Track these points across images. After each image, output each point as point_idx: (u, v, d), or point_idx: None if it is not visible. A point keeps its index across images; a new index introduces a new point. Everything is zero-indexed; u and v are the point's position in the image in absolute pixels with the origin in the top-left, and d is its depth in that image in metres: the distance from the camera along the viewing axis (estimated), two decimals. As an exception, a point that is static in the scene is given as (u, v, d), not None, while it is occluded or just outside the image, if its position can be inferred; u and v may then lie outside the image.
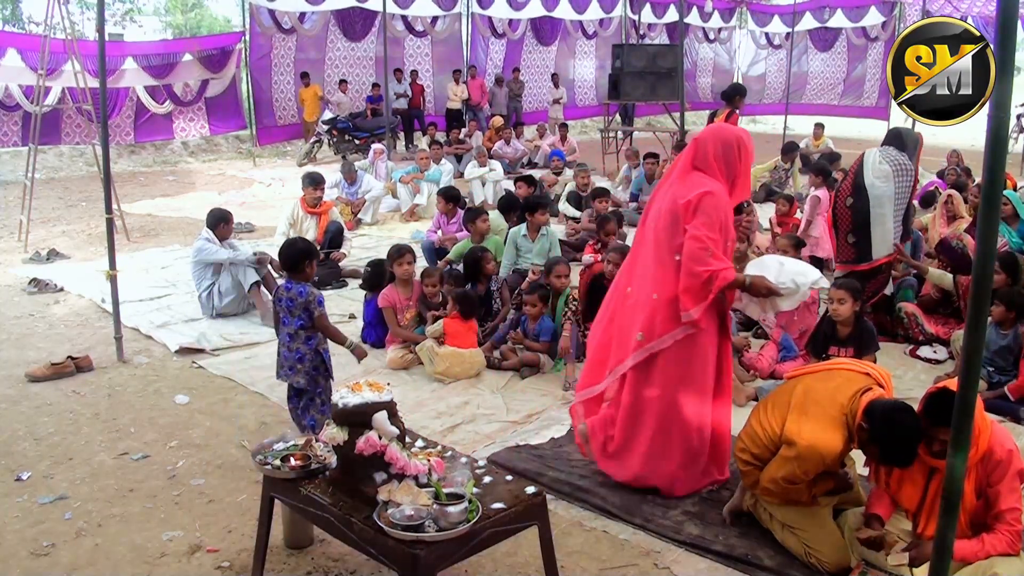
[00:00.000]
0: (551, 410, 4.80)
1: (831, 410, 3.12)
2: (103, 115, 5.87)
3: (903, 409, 2.98)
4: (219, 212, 6.53)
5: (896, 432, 2.94)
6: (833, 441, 3.07)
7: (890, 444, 2.95)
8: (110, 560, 3.33)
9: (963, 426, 1.96)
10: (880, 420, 2.96)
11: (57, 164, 14.25)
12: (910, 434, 2.94)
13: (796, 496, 3.20)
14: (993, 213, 1.86)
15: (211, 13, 31.79)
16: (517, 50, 19.18)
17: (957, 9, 16.43)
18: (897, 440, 2.94)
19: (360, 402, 2.78)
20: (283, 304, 4.07)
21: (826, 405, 3.14)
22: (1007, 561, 2.86)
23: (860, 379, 3.19)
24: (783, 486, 3.17)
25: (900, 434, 2.94)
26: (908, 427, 2.94)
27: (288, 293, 4.03)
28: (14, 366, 5.39)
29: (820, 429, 3.09)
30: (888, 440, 2.95)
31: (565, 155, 12.55)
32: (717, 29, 22.83)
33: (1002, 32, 1.84)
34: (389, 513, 2.61)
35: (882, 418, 2.96)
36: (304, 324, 4.02)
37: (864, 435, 3.03)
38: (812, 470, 3.11)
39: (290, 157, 15.98)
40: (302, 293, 4.00)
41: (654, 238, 3.69)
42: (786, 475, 3.14)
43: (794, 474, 3.12)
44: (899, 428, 2.94)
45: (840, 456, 3.15)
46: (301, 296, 3.99)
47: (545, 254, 6.90)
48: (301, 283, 4.03)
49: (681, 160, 3.72)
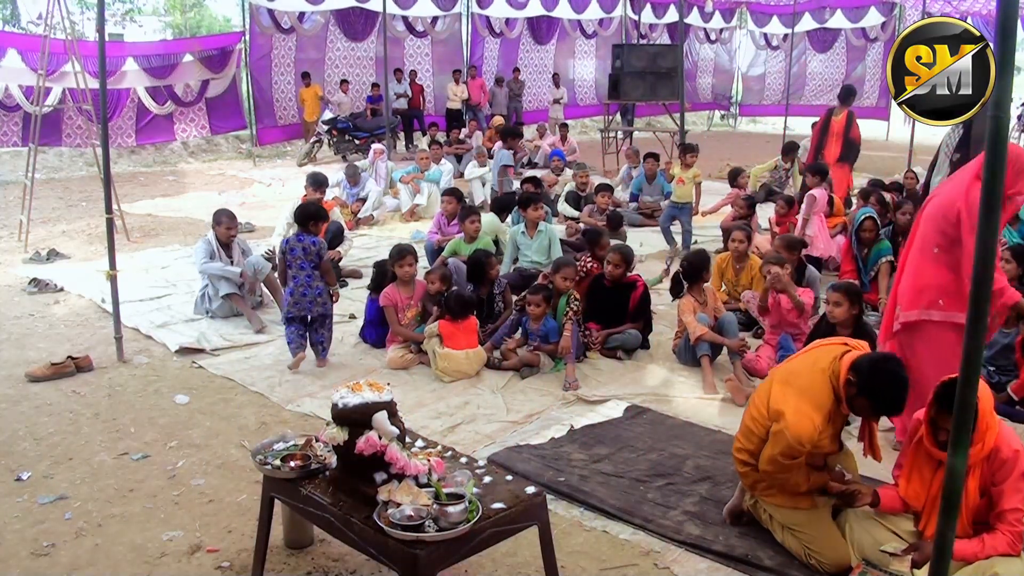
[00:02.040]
0: (551, 410, 4.80)
1: (814, 376, 3.18)
2: (103, 115, 5.87)
3: (889, 358, 3.09)
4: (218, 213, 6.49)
5: (885, 378, 3.01)
6: (820, 400, 3.12)
7: (880, 391, 3.02)
8: (110, 560, 3.33)
9: (963, 426, 1.96)
10: (867, 369, 3.04)
11: (57, 164, 14.26)
12: (898, 380, 3.02)
13: (794, 483, 3.18)
14: (993, 213, 1.86)
15: (211, 13, 31.84)
16: (514, 49, 19.18)
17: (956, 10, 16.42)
18: (887, 385, 3.01)
19: (360, 402, 2.78)
20: (296, 252, 5.29)
21: (808, 373, 3.21)
22: (1007, 561, 2.86)
23: (838, 347, 3.27)
24: (781, 463, 3.15)
25: (889, 379, 3.02)
26: (896, 373, 3.03)
27: (301, 243, 5.28)
28: (14, 366, 5.39)
29: (805, 396, 3.15)
30: (878, 388, 3.01)
31: (565, 155, 12.56)
32: (717, 29, 22.86)
33: (1002, 32, 1.84)
34: (389, 513, 2.61)
35: (869, 367, 3.04)
36: (315, 265, 5.27)
37: (852, 390, 3.08)
38: (805, 438, 3.08)
39: (290, 157, 15.98)
40: (315, 243, 5.31)
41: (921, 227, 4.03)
42: (782, 450, 3.13)
43: (789, 447, 3.11)
44: (887, 374, 3.03)
45: (828, 419, 3.14)
46: (314, 245, 5.29)
47: (544, 251, 6.91)
48: (312, 236, 5.30)
49: (972, 167, 3.93)
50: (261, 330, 6.07)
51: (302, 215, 5.43)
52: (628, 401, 4.87)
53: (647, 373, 5.39)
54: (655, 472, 3.99)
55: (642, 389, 5.08)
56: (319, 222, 5.48)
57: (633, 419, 4.64)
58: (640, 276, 5.95)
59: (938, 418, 2.93)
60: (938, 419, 2.93)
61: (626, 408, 4.77)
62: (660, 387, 5.14)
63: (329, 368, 5.41)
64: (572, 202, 9.56)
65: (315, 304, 5.31)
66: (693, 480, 3.91)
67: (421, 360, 5.44)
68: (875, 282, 6.49)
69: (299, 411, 4.76)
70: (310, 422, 4.56)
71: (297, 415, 4.71)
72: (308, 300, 5.28)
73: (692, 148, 8.65)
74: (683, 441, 4.34)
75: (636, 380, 5.25)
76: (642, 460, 4.12)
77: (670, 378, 5.28)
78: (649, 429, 4.50)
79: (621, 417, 4.66)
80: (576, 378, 5.16)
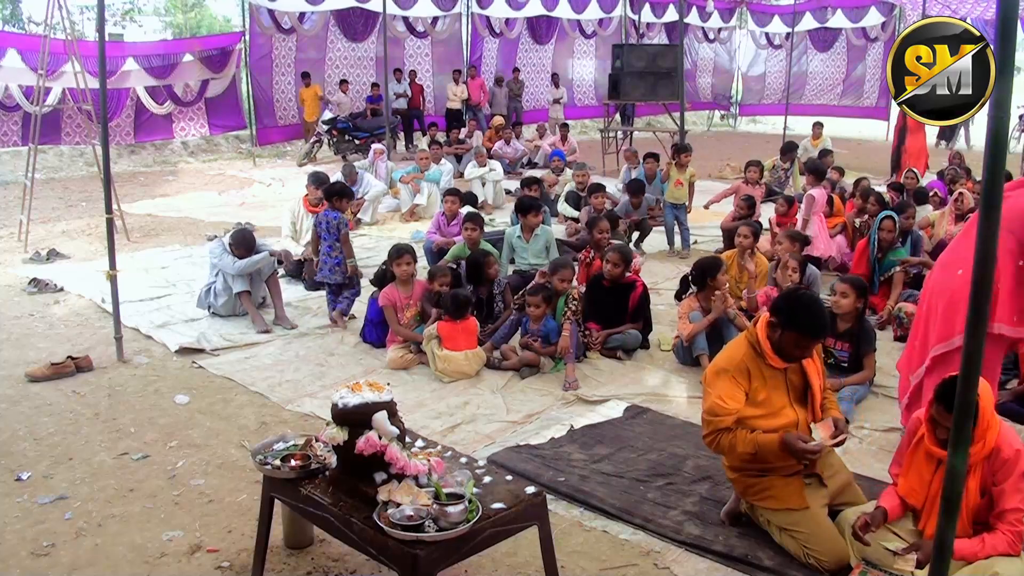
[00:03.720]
0: (551, 410, 4.80)
1: (732, 344, 3.40)
2: (103, 115, 5.87)
3: (798, 288, 3.30)
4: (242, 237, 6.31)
5: (802, 301, 3.17)
6: (731, 354, 3.28)
7: (801, 314, 3.13)
8: (110, 560, 3.33)
9: (963, 426, 1.96)
10: (783, 302, 3.20)
11: (57, 164, 14.26)
12: (814, 300, 3.26)
13: (740, 449, 3.18)
14: (993, 213, 1.86)
15: (211, 13, 31.83)
16: (514, 49, 19.19)
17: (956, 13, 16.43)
18: (805, 307, 3.15)
19: (360, 402, 2.78)
20: (323, 226, 6.19)
21: (727, 347, 3.44)
22: (1007, 561, 2.86)
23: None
24: (709, 422, 3.21)
25: (805, 302, 3.18)
26: (810, 296, 3.24)
27: (327, 218, 6.19)
28: (14, 366, 5.39)
29: (721, 358, 3.33)
30: (798, 312, 3.13)
31: (565, 155, 12.55)
32: (717, 29, 22.83)
33: (1002, 32, 1.84)
34: (389, 513, 2.61)
35: (784, 300, 3.21)
36: (336, 238, 6.11)
37: (776, 332, 3.18)
38: (725, 394, 3.17)
39: (290, 157, 15.99)
40: (336, 217, 6.18)
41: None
42: (708, 407, 3.22)
43: (712, 405, 3.18)
44: (802, 298, 3.19)
45: (743, 370, 3.22)
46: (335, 219, 6.16)
47: (539, 254, 6.92)
48: (335, 211, 6.18)
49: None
50: (265, 331, 6.06)
51: (328, 192, 6.36)
52: (628, 401, 4.87)
53: (647, 373, 5.39)
54: (655, 472, 3.99)
55: (642, 389, 5.08)
56: (343, 199, 6.32)
57: (633, 419, 4.64)
58: (639, 277, 5.96)
59: (938, 416, 2.93)
60: (938, 417, 2.93)
61: (626, 408, 4.77)
62: (660, 387, 5.14)
63: (329, 368, 5.41)
64: (572, 202, 9.55)
65: (334, 272, 6.16)
66: (693, 480, 3.91)
67: (421, 360, 5.44)
68: (884, 287, 6.45)
69: (299, 411, 4.76)
70: (310, 422, 4.57)
71: (297, 415, 4.72)
72: (328, 268, 6.18)
73: (686, 148, 8.67)
74: (683, 441, 4.34)
75: (636, 380, 5.25)
76: (642, 460, 4.12)
77: (670, 378, 5.28)
78: (649, 429, 4.50)
79: (621, 417, 4.67)
80: (576, 378, 5.16)
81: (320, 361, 5.54)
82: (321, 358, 5.60)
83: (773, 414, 3.21)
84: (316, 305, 6.72)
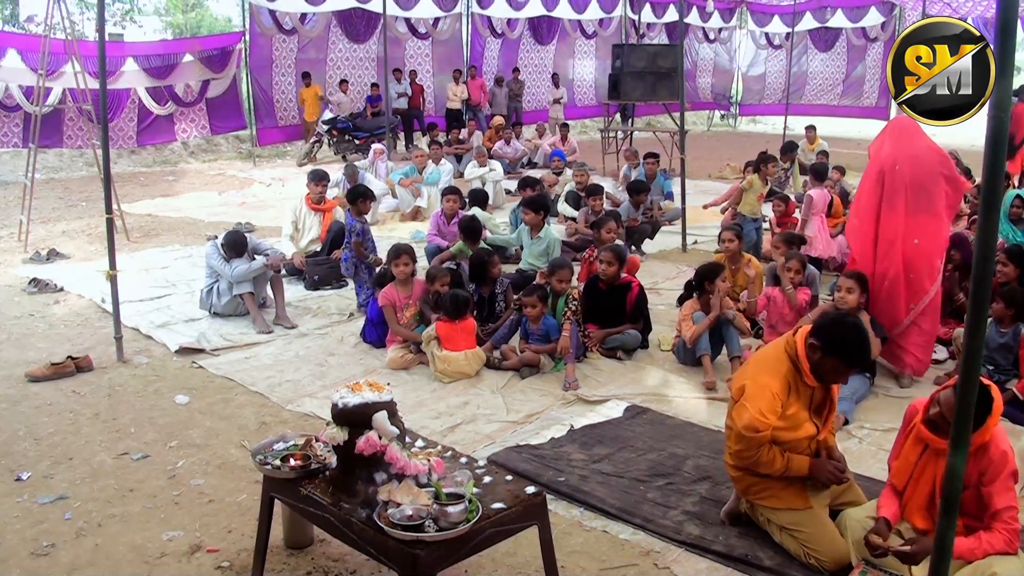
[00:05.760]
0: (551, 410, 4.80)
1: (770, 354, 3.31)
2: (103, 115, 5.87)
3: (846, 314, 3.29)
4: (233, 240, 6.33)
5: (850, 331, 3.15)
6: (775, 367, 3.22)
7: (848, 344, 3.12)
8: (110, 560, 3.33)
9: (963, 426, 1.96)
10: (830, 327, 3.17)
11: (57, 164, 14.26)
12: (861, 331, 3.20)
13: (767, 463, 3.18)
14: (993, 213, 1.86)
15: (211, 13, 31.82)
16: (514, 50, 19.19)
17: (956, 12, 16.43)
18: (852, 337, 3.14)
19: (360, 402, 2.78)
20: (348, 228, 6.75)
21: (764, 356, 3.34)
22: (1005, 560, 2.86)
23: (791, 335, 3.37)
24: (746, 439, 3.16)
25: (853, 331, 3.16)
26: (857, 325, 3.21)
27: (351, 227, 6.66)
28: (14, 366, 5.39)
29: (761, 365, 3.28)
30: (845, 341, 3.12)
31: (565, 155, 12.55)
32: (717, 29, 22.83)
33: (1002, 32, 1.84)
34: (389, 513, 2.61)
35: (831, 326, 3.17)
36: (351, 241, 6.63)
37: (817, 354, 3.15)
38: (765, 406, 3.14)
39: (290, 157, 15.99)
40: (351, 223, 6.67)
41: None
42: (745, 423, 3.15)
43: (751, 419, 3.14)
44: (851, 327, 3.17)
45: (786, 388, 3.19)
46: (350, 225, 6.68)
47: (540, 255, 6.94)
48: (353, 217, 6.69)
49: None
50: (266, 331, 6.06)
51: (351, 195, 6.89)
52: (628, 401, 4.87)
53: (647, 373, 5.39)
54: (655, 472, 3.99)
55: (642, 389, 5.08)
56: (367, 200, 6.84)
57: (633, 419, 4.64)
58: (635, 277, 5.95)
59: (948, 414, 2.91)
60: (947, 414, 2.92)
61: (626, 408, 4.77)
62: (660, 387, 5.14)
63: (329, 368, 5.42)
64: (572, 202, 9.55)
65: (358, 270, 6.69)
66: (693, 480, 3.91)
67: (421, 360, 5.44)
68: None
69: (299, 411, 4.76)
70: (310, 422, 4.57)
71: (297, 415, 4.72)
72: (346, 266, 6.80)
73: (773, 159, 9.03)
74: (683, 441, 4.34)
75: (636, 380, 5.25)
76: (642, 460, 4.12)
77: (670, 378, 5.28)
78: (649, 429, 4.50)
79: (621, 417, 4.66)
80: (576, 378, 5.15)
81: (320, 361, 5.54)
82: (321, 358, 5.60)
83: (795, 427, 3.21)
84: (316, 305, 6.73)
